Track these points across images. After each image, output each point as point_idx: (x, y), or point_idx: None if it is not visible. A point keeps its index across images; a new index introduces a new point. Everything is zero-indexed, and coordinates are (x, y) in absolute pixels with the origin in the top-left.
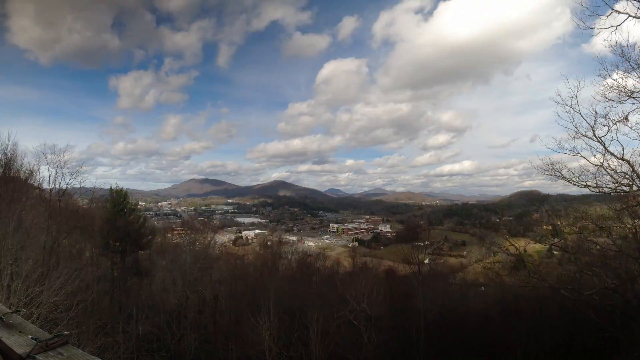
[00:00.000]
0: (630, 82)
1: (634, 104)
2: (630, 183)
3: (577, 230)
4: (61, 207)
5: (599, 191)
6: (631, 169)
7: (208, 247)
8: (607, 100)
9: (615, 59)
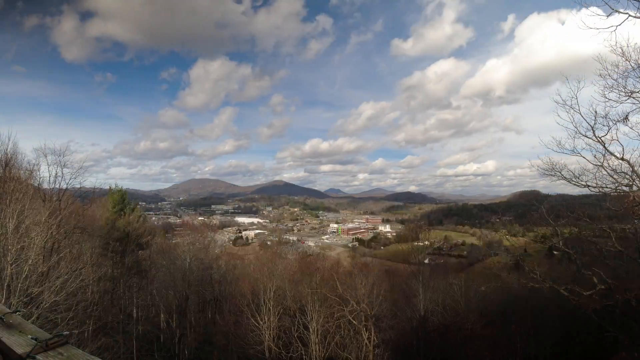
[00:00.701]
0: (630, 82)
1: (634, 104)
2: (630, 183)
3: (577, 230)
4: (61, 207)
5: (599, 191)
6: (631, 169)
7: (208, 247)
8: (607, 100)
9: (615, 58)
